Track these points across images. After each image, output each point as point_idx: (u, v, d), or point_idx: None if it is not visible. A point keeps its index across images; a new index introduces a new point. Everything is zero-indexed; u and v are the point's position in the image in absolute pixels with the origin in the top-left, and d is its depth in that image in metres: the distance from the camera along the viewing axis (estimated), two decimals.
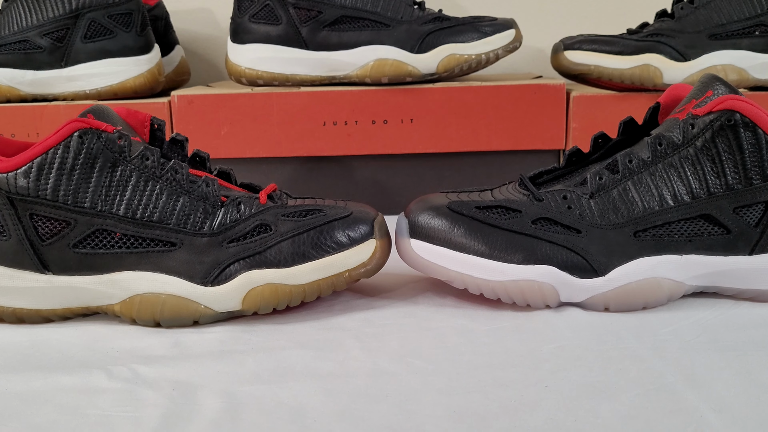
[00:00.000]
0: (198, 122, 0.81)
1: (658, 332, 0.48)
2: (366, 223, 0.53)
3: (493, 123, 0.81)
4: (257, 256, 0.51)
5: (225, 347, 0.48)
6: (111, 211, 0.50)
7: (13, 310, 0.51)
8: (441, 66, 0.80)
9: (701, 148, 0.52)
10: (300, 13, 0.81)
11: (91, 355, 0.47)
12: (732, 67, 0.78)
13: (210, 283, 0.50)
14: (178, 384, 0.42)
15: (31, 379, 0.43)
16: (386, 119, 0.81)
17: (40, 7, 0.83)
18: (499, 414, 0.38)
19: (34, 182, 0.49)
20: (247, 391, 0.41)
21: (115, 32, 0.84)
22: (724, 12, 0.79)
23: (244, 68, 0.83)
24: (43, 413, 0.39)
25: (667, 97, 0.57)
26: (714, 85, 0.53)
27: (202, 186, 0.52)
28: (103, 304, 0.51)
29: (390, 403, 0.39)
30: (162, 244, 0.50)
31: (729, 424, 0.36)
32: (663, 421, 0.37)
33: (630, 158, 0.53)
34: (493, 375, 0.42)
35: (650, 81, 0.78)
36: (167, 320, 0.51)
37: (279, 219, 0.52)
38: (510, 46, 0.81)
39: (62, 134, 0.48)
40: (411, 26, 0.80)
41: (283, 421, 0.38)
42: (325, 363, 0.45)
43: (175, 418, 0.38)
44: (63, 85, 0.84)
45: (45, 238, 0.50)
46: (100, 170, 0.49)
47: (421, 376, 0.43)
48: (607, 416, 0.37)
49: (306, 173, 0.85)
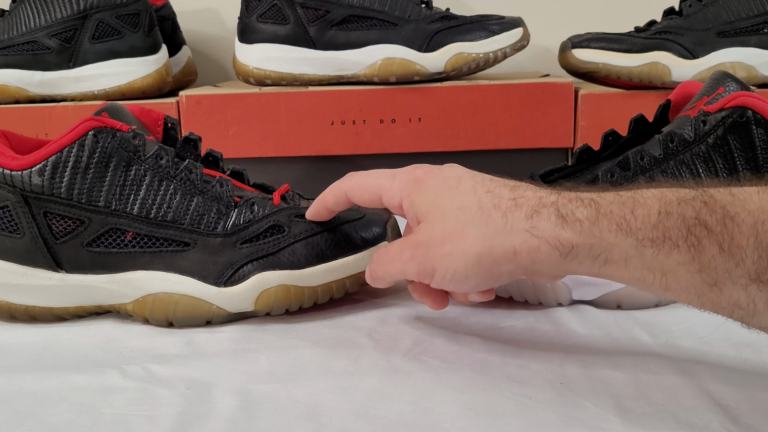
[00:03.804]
0: (206, 122, 0.81)
1: (672, 329, 0.48)
2: (379, 224, 0.53)
3: (501, 121, 0.81)
4: (270, 257, 0.51)
5: (238, 346, 0.48)
6: (125, 210, 0.50)
7: (26, 308, 0.52)
8: (449, 65, 0.80)
9: (713, 145, 0.52)
10: (308, 12, 0.81)
11: (104, 354, 0.47)
12: (740, 65, 0.78)
13: (223, 283, 0.50)
14: (192, 383, 0.42)
15: (45, 378, 0.44)
16: (394, 118, 0.81)
17: (48, 8, 0.83)
18: (515, 411, 0.38)
19: (48, 180, 0.49)
20: (262, 389, 0.41)
21: (123, 33, 0.84)
22: (733, 9, 0.79)
23: (252, 68, 0.83)
24: (59, 412, 0.39)
25: (678, 95, 0.57)
26: (725, 82, 0.53)
27: (216, 186, 0.52)
28: (116, 303, 0.52)
29: (405, 401, 0.39)
30: (176, 244, 0.50)
31: (744, 420, 0.36)
32: (678, 417, 0.37)
33: (641, 155, 0.53)
34: (507, 372, 0.42)
35: (658, 79, 0.78)
36: (180, 320, 0.51)
37: (292, 220, 0.52)
38: (518, 44, 0.81)
39: (77, 133, 0.49)
40: (418, 25, 0.80)
41: (299, 419, 0.38)
42: (339, 361, 0.45)
43: (191, 416, 0.38)
44: (71, 86, 0.84)
45: (59, 237, 0.50)
46: (115, 169, 0.49)
47: (435, 373, 0.43)
48: (622, 413, 0.37)
49: (314, 173, 0.85)
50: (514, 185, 0.41)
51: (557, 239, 0.37)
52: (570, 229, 0.37)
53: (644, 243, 0.35)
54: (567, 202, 0.37)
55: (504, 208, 0.39)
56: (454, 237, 0.40)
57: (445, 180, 0.43)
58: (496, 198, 0.40)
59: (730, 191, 0.34)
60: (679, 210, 0.34)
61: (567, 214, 0.37)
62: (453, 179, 0.42)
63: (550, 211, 0.37)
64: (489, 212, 0.39)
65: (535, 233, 0.37)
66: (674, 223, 0.34)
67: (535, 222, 0.38)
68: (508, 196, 0.39)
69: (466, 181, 0.42)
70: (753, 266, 0.33)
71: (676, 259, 0.34)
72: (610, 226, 0.36)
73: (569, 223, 0.37)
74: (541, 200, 0.38)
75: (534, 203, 0.38)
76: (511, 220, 0.38)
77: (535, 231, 0.37)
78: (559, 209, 0.37)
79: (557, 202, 0.38)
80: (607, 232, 0.36)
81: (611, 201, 0.36)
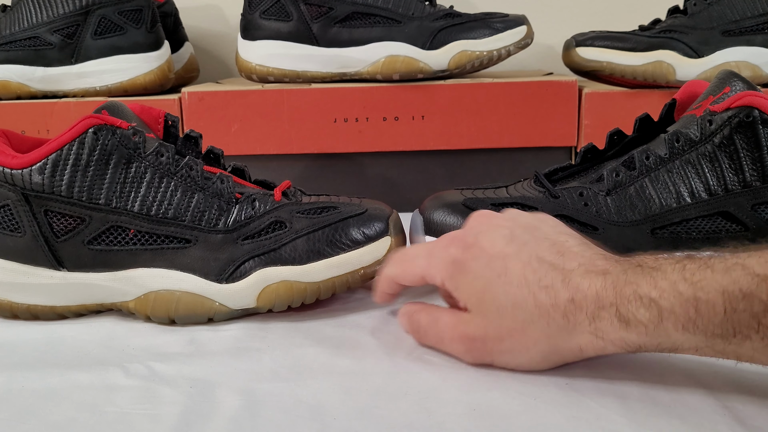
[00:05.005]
0: (208, 119, 0.81)
1: None
2: (381, 220, 0.53)
3: (505, 120, 0.80)
4: (272, 253, 0.50)
5: (241, 345, 0.47)
6: (126, 208, 0.49)
7: (27, 306, 0.51)
8: (452, 62, 0.79)
9: (719, 144, 0.51)
10: (311, 9, 0.80)
11: (107, 352, 0.47)
12: (745, 64, 0.77)
13: (225, 280, 0.50)
14: (195, 381, 0.42)
15: (47, 376, 0.43)
16: (397, 116, 0.81)
17: (50, 4, 0.82)
18: (520, 412, 0.38)
19: (48, 179, 0.48)
20: (266, 388, 0.41)
21: (125, 29, 0.84)
22: (738, 8, 0.78)
23: (254, 65, 0.82)
24: (61, 411, 0.39)
25: (684, 94, 0.57)
26: (731, 81, 0.53)
27: (216, 183, 0.51)
28: (118, 301, 0.51)
29: (409, 401, 0.39)
30: (177, 241, 0.50)
31: (751, 422, 0.36)
32: (685, 418, 0.37)
33: (647, 155, 0.53)
34: (512, 373, 0.42)
35: (663, 78, 0.78)
36: (182, 317, 0.50)
37: (294, 216, 0.52)
38: (521, 42, 0.81)
39: (77, 130, 0.48)
40: (422, 22, 0.80)
41: (302, 418, 0.38)
42: (343, 360, 0.45)
43: (195, 415, 0.38)
44: (73, 82, 0.84)
45: (60, 235, 0.50)
46: (115, 167, 0.49)
47: (439, 373, 0.42)
48: (627, 413, 0.37)
49: (316, 170, 0.85)
50: (565, 271, 0.39)
51: (623, 341, 0.38)
52: (635, 332, 0.37)
53: (713, 338, 0.35)
54: (626, 303, 0.37)
55: (563, 308, 0.38)
56: (513, 335, 0.40)
57: (489, 263, 0.41)
58: (552, 295, 0.39)
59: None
60: (745, 305, 0.34)
61: (629, 317, 0.37)
62: (498, 262, 0.41)
63: (611, 313, 0.37)
64: (548, 311, 0.39)
65: (600, 335, 0.38)
66: (742, 318, 0.34)
67: (598, 324, 0.38)
68: (564, 294, 0.39)
69: (512, 264, 0.40)
70: None
71: (749, 346, 0.35)
72: (675, 326, 0.36)
73: (633, 326, 0.37)
74: (600, 300, 0.38)
75: (593, 305, 0.38)
76: (573, 321, 0.38)
77: (600, 333, 0.38)
78: (619, 311, 0.37)
79: (616, 303, 0.37)
80: (673, 331, 0.36)
81: (672, 298, 0.36)
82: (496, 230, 0.43)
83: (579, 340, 0.39)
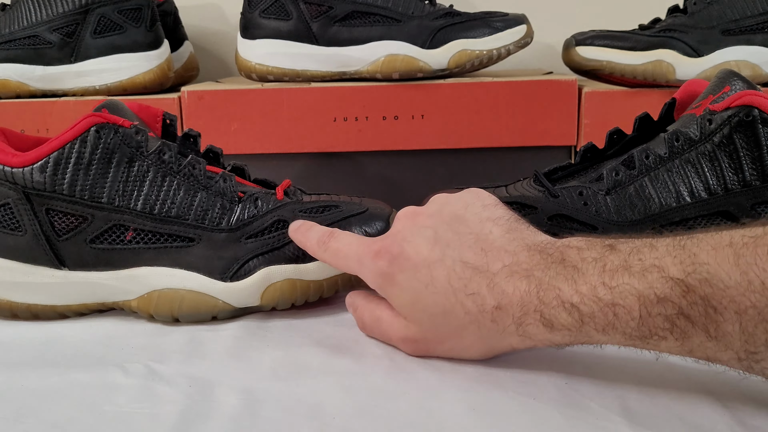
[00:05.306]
0: (208, 118, 0.81)
1: None
2: (381, 219, 0.53)
3: (505, 119, 0.80)
4: (276, 251, 0.51)
5: (241, 344, 0.47)
6: (128, 207, 0.49)
7: (27, 306, 0.51)
8: (452, 61, 0.79)
9: (719, 144, 0.51)
10: (310, 8, 0.80)
11: (106, 351, 0.47)
12: (745, 63, 0.77)
13: (229, 278, 0.50)
14: (194, 381, 0.42)
15: (46, 375, 0.43)
16: (397, 115, 0.81)
17: (49, 3, 0.82)
18: (520, 411, 0.38)
19: (50, 177, 0.48)
20: (265, 387, 0.41)
21: (125, 28, 0.84)
22: (738, 7, 0.78)
23: (254, 64, 0.82)
24: (60, 410, 0.39)
25: (683, 93, 0.57)
26: (731, 81, 0.53)
27: (219, 182, 0.51)
28: (120, 300, 0.51)
29: (409, 401, 0.39)
30: (180, 239, 0.50)
31: (751, 421, 0.36)
32: (684, 418, 0.37)
33: (647, 154, 0.53)
34: (512, 372, 0.42)
35: (663, 77, 0.78)
36: (185, 315, 0.50)
37: (296, 215, 0.52)
38: (521, 41, 0.81)
39: (79, 129, 0.48)
40: (422, 21, 0.80)
41: (302, 417, 0.38)
42: (343, 360, 0.45)
43: (194, 414, 0.38)
44: (72, 81, 0.84)
45: (61, 234, 0.50)
46: (117, 165, 0.49)
47: (439, 373, 0.42)
48: (627, 413, 0.37)
49: (316, 169, 0.85)
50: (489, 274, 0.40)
51: (550, 341, 0.40)
52: (559, 335, 0.39)
53: (632, 338, 0.37)
54: (549, 308, 0.38)
55: (491, 314, 0.40)
56: (451, 338, 0.42)
57: (415, 274, 0.42)
58: (479, 302, 0.40)
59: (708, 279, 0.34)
60: (659, 309, 0.35)
61: (553, 321, 0.38)
62: (424, 271, 0.42)
63: (536, 318, 0.39)
64: (477, 318, 0.40)
65: (528, 336, 0.40)
66: (657, 321, 0.35)
67: (525, 329, 0.39)
68: (491, 301, 0.40)
69: (437, 272, 0.41)
70: (742, 347, 0.34)
71: (665, 345, 0.36)
72: (596, 329, 0.37)
73: (557, 329, 0.38)
74: (524, 306, 0.39)
75: (519, 311, 0.39)
76: (501, 325, 0.40)
77: (527, 335, 0.40)
78: (543, 316, 0.38)
79: (540, 309, 0.38)
80: (595, 333, 0.38)
81: (592, 303, 0.37)
82: (420, 233, 0.43)
83: (510, 341, 0.41)
